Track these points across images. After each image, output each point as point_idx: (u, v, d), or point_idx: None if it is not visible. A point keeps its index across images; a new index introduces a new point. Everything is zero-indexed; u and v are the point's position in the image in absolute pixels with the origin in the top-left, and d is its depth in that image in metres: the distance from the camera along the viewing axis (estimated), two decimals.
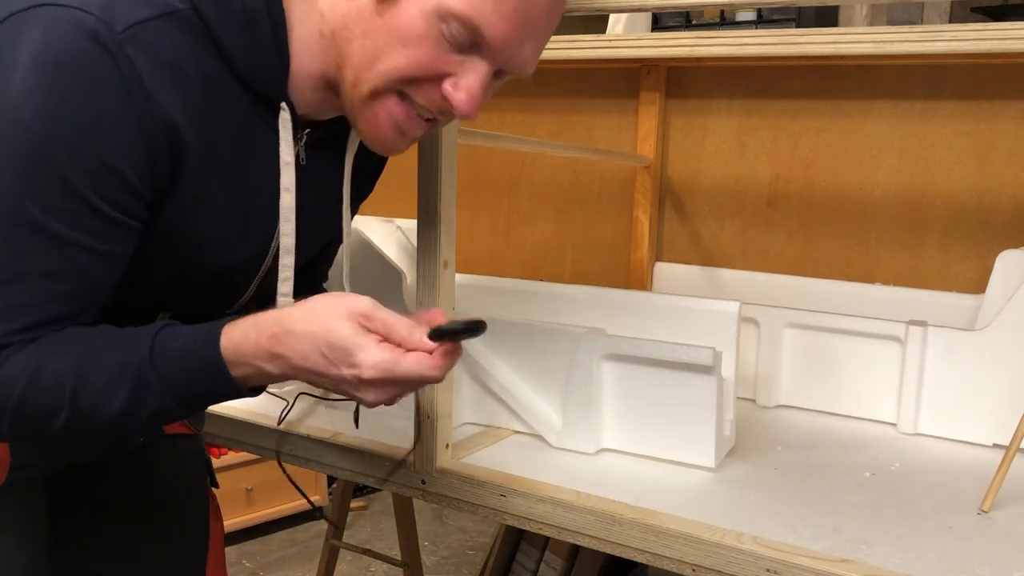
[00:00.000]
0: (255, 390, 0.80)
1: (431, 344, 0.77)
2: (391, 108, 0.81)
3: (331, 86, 0.83)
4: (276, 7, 0.80)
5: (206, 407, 0.83)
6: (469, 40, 0.77)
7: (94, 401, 0.75)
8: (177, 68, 0.75)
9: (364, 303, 0.77)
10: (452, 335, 0.77)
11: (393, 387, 0.77)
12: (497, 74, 0.82)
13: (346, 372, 0.75)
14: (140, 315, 0.91)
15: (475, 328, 0.77)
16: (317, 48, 0.81)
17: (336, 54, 0.80)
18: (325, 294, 0.80)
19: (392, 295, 1.23)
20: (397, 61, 0.77)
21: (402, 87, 0.79)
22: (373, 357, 0.75)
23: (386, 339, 0.76)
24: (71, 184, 0.71)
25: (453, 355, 0.78)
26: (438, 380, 0.78)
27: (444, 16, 0.75)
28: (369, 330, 0.76)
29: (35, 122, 0.70)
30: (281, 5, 0.80)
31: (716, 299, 1.18)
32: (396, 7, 0.76)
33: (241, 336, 0.77)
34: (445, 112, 0.82)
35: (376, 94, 0.80)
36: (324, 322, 0.76)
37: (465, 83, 0.79)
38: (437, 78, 0.79)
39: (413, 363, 0.76)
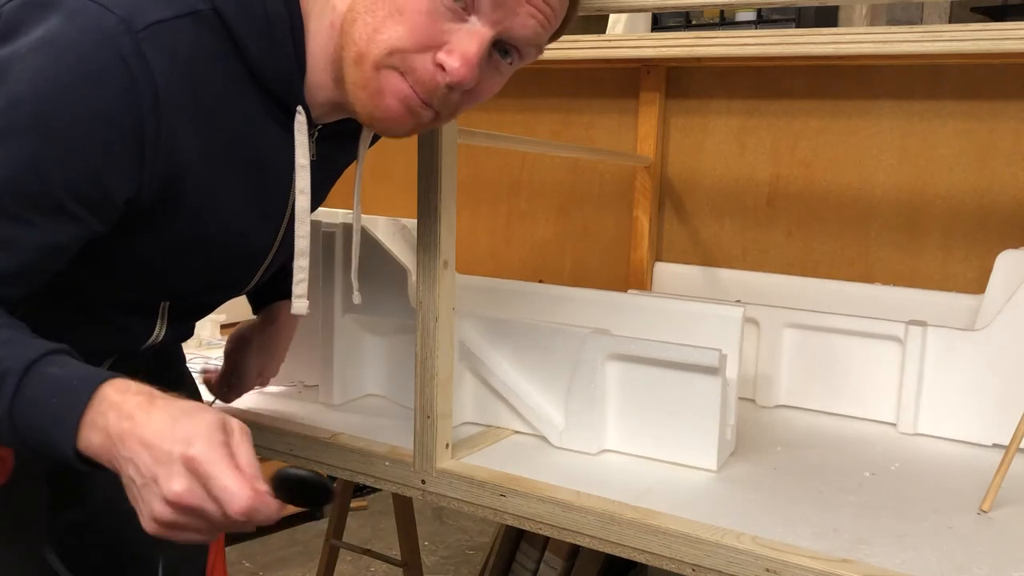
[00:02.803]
0: (84, 460, 0.73)
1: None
2: (395, 84, 0.78)
3: (340, 84, 0.83)
4: (296, 12, 0.80)
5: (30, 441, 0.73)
6: (464, 2, 0.76)
7: None
8: (195, 68, 0.75)
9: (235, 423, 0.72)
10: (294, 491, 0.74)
11: (200, 486, 0.69)
12: (504, 52, 0.80)
13: (177, 447, 0.69)
14: (143, 306, 0.91)
15: (317, 494, 0.74)
16: (327, 40, 0.81)
17: (340, 37, 0.79)
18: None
19: (397, 291, 1.22)
20: (396, 31, 0.76)
21: (400, 63, 0.77)
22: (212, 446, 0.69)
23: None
24: (41, 169, 0.70)
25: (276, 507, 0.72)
26: (250, 510, 0.69)
27: None
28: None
29: (24, 98, 0.69)
30: (299, 10, 0.80)
31: (719, 303, 1.18)
32: None
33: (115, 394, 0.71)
34: (438, 91, 0.78)
35: (378, 68, 0.78)
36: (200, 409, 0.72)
37: (460, 48, 0.76)
38: (433, 49, 0.77)
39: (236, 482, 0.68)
